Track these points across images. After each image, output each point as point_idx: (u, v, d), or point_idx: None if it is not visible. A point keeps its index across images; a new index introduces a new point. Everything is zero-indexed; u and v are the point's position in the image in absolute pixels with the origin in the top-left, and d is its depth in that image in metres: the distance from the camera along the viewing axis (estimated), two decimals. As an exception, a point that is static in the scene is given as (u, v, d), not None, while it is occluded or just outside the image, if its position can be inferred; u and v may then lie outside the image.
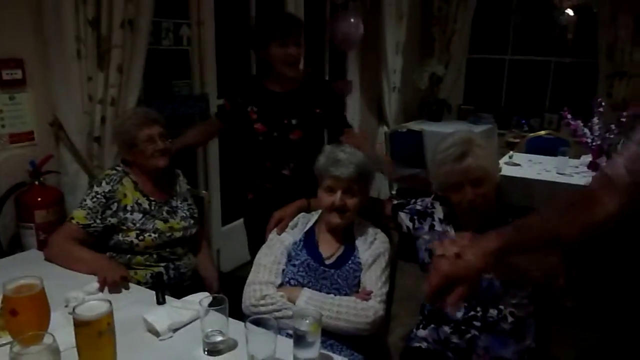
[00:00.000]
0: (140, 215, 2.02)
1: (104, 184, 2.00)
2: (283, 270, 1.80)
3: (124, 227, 1.99)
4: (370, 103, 4.91)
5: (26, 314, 1.22)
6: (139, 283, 1.86)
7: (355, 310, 1.67)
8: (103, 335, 1.14)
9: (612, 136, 3.23)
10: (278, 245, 1.86)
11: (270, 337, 1.29)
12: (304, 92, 2.34)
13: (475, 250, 1.11)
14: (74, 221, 1.92)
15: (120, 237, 1.99)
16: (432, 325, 1.75)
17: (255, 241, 2.45)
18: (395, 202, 1.97)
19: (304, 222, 1.92)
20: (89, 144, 2.23)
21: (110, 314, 1.16)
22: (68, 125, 2.16)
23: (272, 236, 1.90)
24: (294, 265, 1.80)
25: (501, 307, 1.65)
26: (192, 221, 2.17)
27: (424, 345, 1.77)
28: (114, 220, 1.98)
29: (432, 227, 1.83)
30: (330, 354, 1.39)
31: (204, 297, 1.57)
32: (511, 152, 3.56)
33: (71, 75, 2.11)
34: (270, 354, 1.29)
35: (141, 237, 1.99)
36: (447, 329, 1.70)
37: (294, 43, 2.23)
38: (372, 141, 4.83)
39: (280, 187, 2.38)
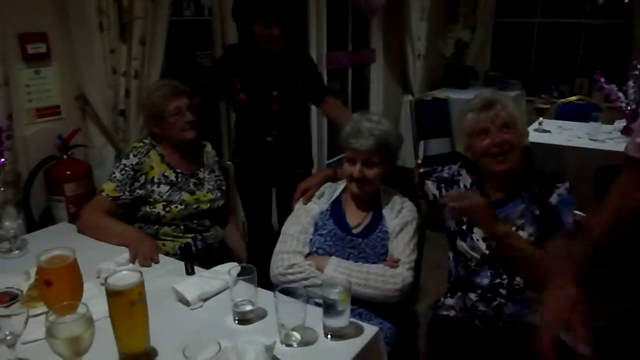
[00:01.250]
0: (167, 187, 2.03)
1: (131, 156, 2.01)
2: (310, 239, 1.80)
3: (151, 199, 2.01)
4: (395, 71, 4.82)
5: (60, 284, 1.24)
6: (167, 254, 1.88)
7: (383, 278, 1.67)
8: (135, 305, 1.15)
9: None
10: (305, 215, 1.85)
11: (299, 306, 1.28)
12: (285, 63, 2.40)
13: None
14: (103, 194, 1.94)
15: (147, 208, 2.01)
16: (459, 294, 1.74)
17: (248, 203, 2.58)
18: (421, 170, 1.94)
19: (330, 191, 1.91)
20: (114, 117, 2.24)
21: (141, 284, 1.16)
22: (93, 98, 2.16)
23: (299, 206, 1.90)
24: (322, 235, 1.80)
25: None
26: (219, 193, 2.18)
27: (451, 313, 1.76)
28: (141, 192, 1.99)
29: (458, 194, 1.79)
30: (360, 322, 1.38)
31: (233, 267, 1.59)
32: (541, 119, 3.47)
33: (94, 48, 2.10)
34: (300, 323, 1.29)
35: (168, 209, 2.01)
36: (473, 296, 1.69)
37: (277, 22, 2.27)
38: (396, 111, 4.77)
39: (265, 152, 2.50)
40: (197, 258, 1.97)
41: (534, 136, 3.29)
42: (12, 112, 1.95)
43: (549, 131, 3.49)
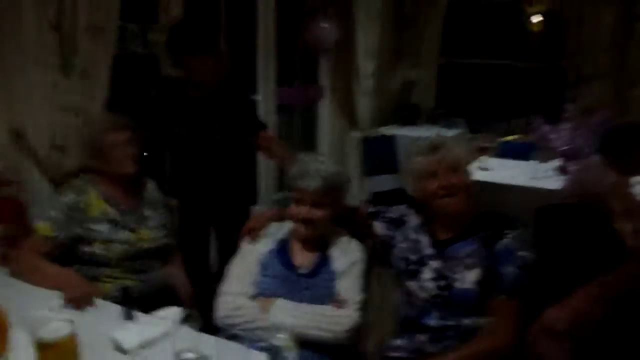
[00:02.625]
0: (107, 226, 1.95)
1: (68, 193, 1.93)
2: (256, 280, 1.76)
3: (91, 238, 1.92)
4: (342, 108, 4.88)
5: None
6: (105, 297, 1.78)
7: (332, 319, 1.65)
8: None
9: (580, 141, 3.27)
10: (250, 255, 1.82)
11: (243, 353, 1.24)
12: (221, 95, 2.38)
13: None
14: (39, 233, 1.85)
15: (86, 248, 1.93)
16: (407, 335, 1.73)
17: (185, 244, 2.44)
18: (369, 210, 1.95)
19: (276, 231, 1.88)
20: (51, 153, 2.14)
21: (74, 335, 1.10)
22: (30, 134, 2.06)
23: (244, 245, 1.86)
24: (267, 276, 1.77)
25: (474, 317, 1.63)
26: (163, 231, 2.11)
27: (401, 354, 1.74)
28: (79, 232, 1.91)
29: (406, 235, 1.81)
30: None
31: (173, 312, 1.53)
32: (482, 157, 3.57)
33: (34, 82, 2.02)
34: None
35: (108, 249, 1.93)
36: (423, 337, 1.68)
37: (211, 58, 2.27)
38: (343, 148, 4.81)
39: (205, 188, 2.45)
40: (140, 300, 1.89)
41: (476, 174, 3.39)
42: None
43: (489, 169, 3.59)
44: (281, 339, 1.28)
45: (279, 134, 3.96)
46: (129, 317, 1.57)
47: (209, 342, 1.36)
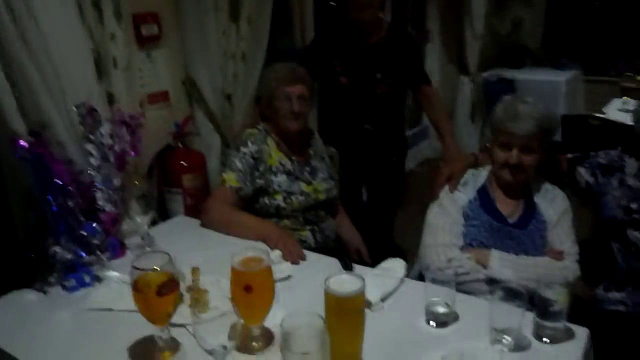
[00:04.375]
0: (285, 177, 1.91)
1: (249, 144, 1.89)
2: (462, 231, 1.69)
3: (271, 190, 1.89)
4: (450, 52, 4.66)
5: (261, 290, 1.12)
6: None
7: (553, 271, 1.56)
8: (361, 313, 1.05)
9: None
10: (452, 205, 1.73)
11: (517, 311, 1.17)
12: (388, 44, 2.23)
13: None
14: (226, 185, 1.82)
15: (266, 200, 1.89)
16: (629, 288, 1.62)
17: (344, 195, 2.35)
18: (570, 156, 1.81)
19: (474, 179, 1.78)
20: (221, 103, 2.11)
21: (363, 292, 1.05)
22: (202, 82, 2.03)
23: (443, 195, 1.77)
24: (474, 226, 1.68)
25: None
26: (332, 182, 2.06)
27: (621, 308, 1.64)
28: (261, 183, 1.88)
29: (622, 181, 1.67)
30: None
31: (398, 264, 1.49)
32: (625, 98, 3.32)
33: (207, 29, 1.96)
34: (515, 327, 1.18)
35: (288, 200, 1.89)
36: None
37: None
38: (453, 92, 4.62)
39: (360, 141, 2.33)
40: (315, 250, 1.87)
41: (618, 116, 3.17)
42: (116, 97, 1.81)
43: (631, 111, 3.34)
44: (554, 293, 1.20)
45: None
46: (348, 268, 1.53)
47: (449, 295, 1.30)
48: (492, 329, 1.18)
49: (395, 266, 1.49)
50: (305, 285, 1.40)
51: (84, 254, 1.45)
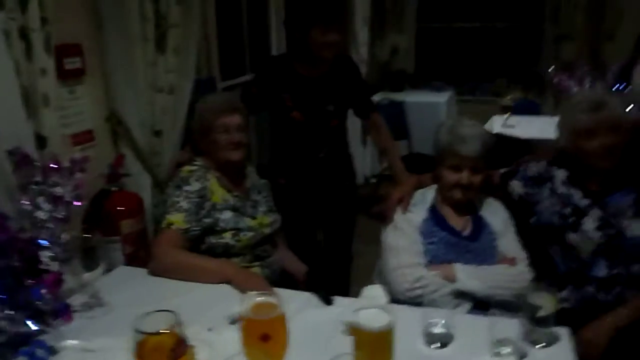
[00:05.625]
0: (231, 213, 1.83)
1: (192, 182, 1.78)
2: (423, 250, 1.73)
3: (218, 228, 1.79)
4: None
5: (279, 338, 1.05)
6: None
7: (510, 277, 1.67)
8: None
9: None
10: (407, 226, 1.78)
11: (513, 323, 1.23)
12: (334, 75, 2.27)
13: None
14: (173, 227, 1.69)
15: (213, 239, 1.79)
16: (570, 286, 1.77)
17: (292, 223, 2.35)
18: (502, 171, 1.96)
19: (422, 199, 1.85)
20: (150, 139, 1.95)
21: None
22: (129, 119, 1.87)
23: (397, 217, 1.81)
24: (432, 243, 1.74)
25: None
26: (275, 215, 2.01)
27: (565, 305, 1.78)
28: (208, 221, 1.77)
29: (553, 190, 1.83)
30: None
31: (376, 290, 1.49)
32: (507, 115, 3.70)
33: (134, 60, 1.82)
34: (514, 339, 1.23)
35: (237, 237, 1.81)
36: (590, 288, 1.73)
37: (337, 30, 2.15)
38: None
39: (315, 170, 2.34)
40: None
41: (502, 131, 3.53)
42: (48, 139, 1.60)
43: (513, 126, 3.72)
44: (541, 298, 1.27)
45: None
46: (328, 302, 1.49)
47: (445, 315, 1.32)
48: (492, 342, 1.23)
49: (377, 293, 1.48)
50: (293, 324, 1.33)
51: (33, 324, 1.24)
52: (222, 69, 3.05)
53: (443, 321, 1.29)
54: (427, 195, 1.86)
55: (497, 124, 3.64)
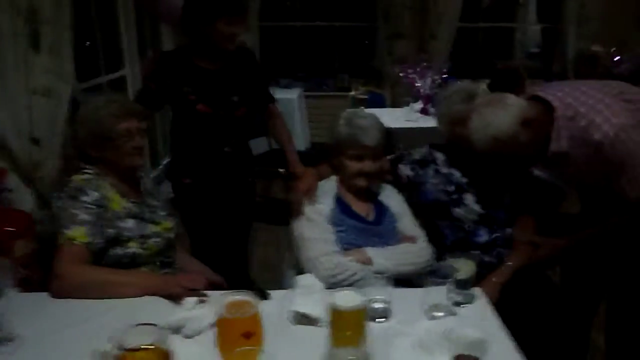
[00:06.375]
0: (133, 221, 1.73)
1: (88, 191, 1.64)
2: (334, 238, 1.81)
3: (123, 238, 1.68)
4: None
5: (259, 332, 1.04)
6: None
7: (415, 254, 1.83)
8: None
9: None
10: (318, 216, 1.84)
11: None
12: (234, 66, 2.29)
13: None
14: (75, 242, 1.55)
15: (119, 250, 1.68)
16: (458, 252, 2.00)
17: (199, 223, 2.35)
18: (390, 157, 2.13)
19: (325, 189, 1.93)
20: (28, 148, 1.74)
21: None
22: (3, 125, 1.65)
23: (307, 208, 1.87)
24: (342, 231, 1.83)
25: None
26: (174, 218, 1.94)
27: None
28: (112, 232, 1.66)
29: (436, 171, 2.06)
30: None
31: (309, 278, 1.54)
32: (362, 108, 3.95)
33: (6, 58, 1.61)
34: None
35: (145, 245, 1.72)
36: (476, 252, 1.99)
37: (240, 22, 2.18)
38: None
39: (221, 165, 2.34)
40: None
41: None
42: None
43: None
44: (461, 263, 1.45)
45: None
46: (265, 296, 1.50)
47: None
48: (426, 309, 1.37)
49: (312, 281, 1.53)
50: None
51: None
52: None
53: (382, 297, 1.39)
54: (328, 186, 1.94)
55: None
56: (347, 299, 1.09)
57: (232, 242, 2.44)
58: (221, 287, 1.83)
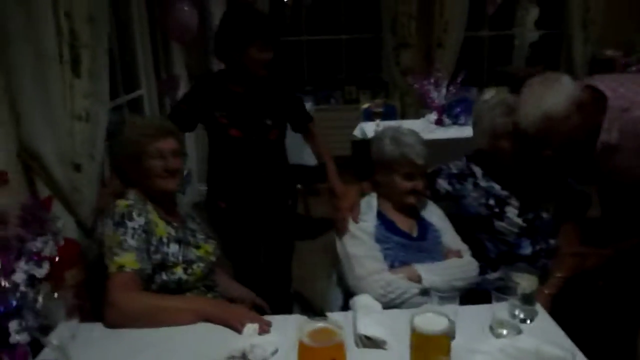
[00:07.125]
0: (177, 246, 1.70)
1: (135, 216, 1.61)
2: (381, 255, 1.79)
3: (169, 263, 1.66)
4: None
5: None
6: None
7: (463, 268, 1.81)
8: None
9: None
10: (363, 234, 1.83)
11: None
12: (268, 91, 2.28)
13: None
14: (126, 269, 1.52)
15: (165, 276, 1.65)
16: (502, 266, 1.99)
17: (236, 248, 2.33)
18: (428, 171, 2.11)
19: (368, 206, 1.92)
20: (70, 175, 1.71)
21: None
22: (46, 152, 1.62)
23: (351, 226, 1.85)
24: (389, 249, 1.81)
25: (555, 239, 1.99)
26: (214, 241, 1.91)
27: (500, 284, 1.99)
28: (158, 258, 1.63)
29: (475, 185, 2.04)
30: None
31: (365, 298, 1.52)
32: (378, 121, 3.94)
33: (51, 84, 1.59)
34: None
35: (190, 270, 1.69)
36: (521, 264, 1.96)
37: (272, 48, 2.17)
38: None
39: (258, 189, 2.29)
40: None
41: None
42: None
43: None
44: (524, 278, 1.42)
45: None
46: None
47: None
48: (492, 326, 1.35)
49: (370, 302, 1.51)
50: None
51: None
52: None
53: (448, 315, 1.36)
54: (371, 203, 1.92)
55: (369, 130, 3.85)
56: (431, 321, 1.06)
57: (274, 264, 2.41)
58: (265, 311, 1.82)
